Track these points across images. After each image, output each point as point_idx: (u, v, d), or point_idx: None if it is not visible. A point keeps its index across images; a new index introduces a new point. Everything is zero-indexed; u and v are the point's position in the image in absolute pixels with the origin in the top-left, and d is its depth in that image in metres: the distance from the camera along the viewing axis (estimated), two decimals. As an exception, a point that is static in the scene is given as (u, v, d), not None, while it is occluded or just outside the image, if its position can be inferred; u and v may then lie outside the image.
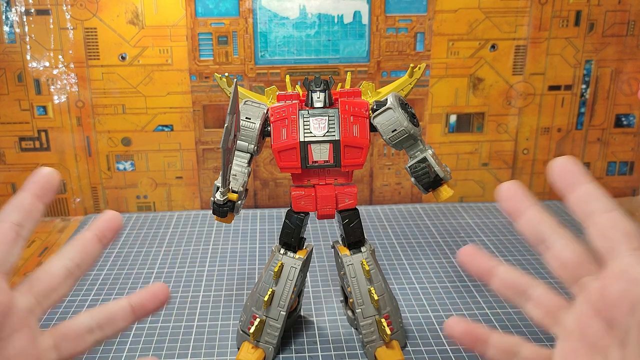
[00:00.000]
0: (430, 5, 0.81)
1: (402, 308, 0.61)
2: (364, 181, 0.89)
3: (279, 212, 0.87)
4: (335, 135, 0.49)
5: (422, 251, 0.74)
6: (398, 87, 0.53)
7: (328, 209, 0.51)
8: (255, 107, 0.49)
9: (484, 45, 0.83)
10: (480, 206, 0.89)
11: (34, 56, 0.80)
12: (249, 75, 0.82)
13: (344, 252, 0.52)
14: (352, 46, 0.82)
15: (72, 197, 0.87)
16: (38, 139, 0.84)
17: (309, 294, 0.64)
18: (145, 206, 0.88)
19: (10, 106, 0.82)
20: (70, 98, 0.82)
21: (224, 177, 0.44)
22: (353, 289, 0.51)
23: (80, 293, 0.64)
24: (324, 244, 0.76)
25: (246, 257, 0.73)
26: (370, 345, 0.52)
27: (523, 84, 0.86)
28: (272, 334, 0.52)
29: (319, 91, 0.50)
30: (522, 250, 0.74)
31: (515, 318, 0.59)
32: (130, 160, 0.86)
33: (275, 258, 0.51)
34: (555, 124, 0.89)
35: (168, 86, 0.82)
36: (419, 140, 0.50)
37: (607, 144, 0.91)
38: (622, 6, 0.83)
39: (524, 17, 0.82)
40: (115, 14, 0.79)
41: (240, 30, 0.80)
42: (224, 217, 0.47)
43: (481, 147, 0.89)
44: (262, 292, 0.51)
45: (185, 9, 0.79)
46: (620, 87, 0.87)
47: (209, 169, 0.87)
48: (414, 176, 0.51)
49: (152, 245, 0.76)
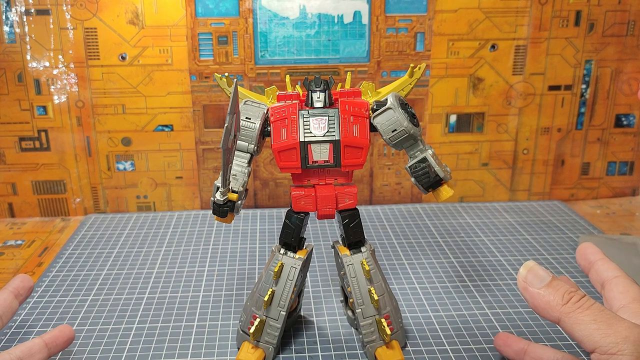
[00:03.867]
0: (430, 5, 0.81)
1: (402, 308, 0.61)
2: (364, 181, 0.89)
3: (279, 212, 0.87)
4: (335, 135, 0.49)
5: (422, 251, 0.74)
6: (398, 87, 0.53)
7: (328, 209, 0.51)
8: (255, 107, 0.49)
9: (484, 45, 0.83)
10: (480, 206, 0.89)
11: (34, 56, 0.80)
12: (249, 75, 0.82)
13: (344, 252, 0.52)
14: (352, 46, 0.82)
15: (72, 197, 0.87)
16: (38, 139, 0.84)
17: (309, 294, 0.64)
18: (145, 206, 0.88)
19: (10, 106, 0.82)
20: (70, 98, 0.82)
21: (224, 177, 0.44)
22: (353, 289, 0.51)
23: (80, 293, 0.64)
24: (324, 244, 0.76)
25: (246, 257, 0.73)
26: (370, 345, 0.52)
27: (523, 84, 0.86)
28: (272, 334, 0.52)
29: (319, 91, 0.50)
30: (522, 251, 0.74)
31: (515, 318, 0.59)
32: (130, 160, 0.86)
33: (275, 258, 0.52)
34: (555, 124, 0.89)
35: (168, 86, 0.82)
36: (419, 140, 0.50)
37: (607, 144, 0.91)
38: (622, 6, 0.83)
39: (524, 17, 0.82)
40: (115, 14, 0.79)
41: (240, 30, 0.80)
42: (224, 217, 0.47)
43: (481, 147, 0.89)
44: (262, 292, 0.51)
45: (185, 9, 0.79)
46: (620, 87, 0.87)
47: (209, 169, 0.87)
48: (414, 176, 0.51)
49: (152, 245, 0.76)
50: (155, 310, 0.61)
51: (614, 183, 0.93)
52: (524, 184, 0.92)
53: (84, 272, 0.69)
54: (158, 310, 0.61)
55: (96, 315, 0.60)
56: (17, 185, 0.86)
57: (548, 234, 0.79)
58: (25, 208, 0.87)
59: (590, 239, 0.73)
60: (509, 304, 0.61)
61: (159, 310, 0.61)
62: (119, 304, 0.62)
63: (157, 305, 0.62)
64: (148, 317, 0.60)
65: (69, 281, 0.67)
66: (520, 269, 0.39)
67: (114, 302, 0.62)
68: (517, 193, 0.92)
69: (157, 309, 0.61)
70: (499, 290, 0.64)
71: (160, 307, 0.62)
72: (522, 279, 0.39)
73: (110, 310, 0.61)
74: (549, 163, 0.91)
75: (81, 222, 0.84)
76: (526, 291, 0.38)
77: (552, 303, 0.37)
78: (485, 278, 0.67)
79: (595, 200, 0.93)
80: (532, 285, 0.38)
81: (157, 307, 0.62)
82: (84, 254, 0.74)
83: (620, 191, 0.94)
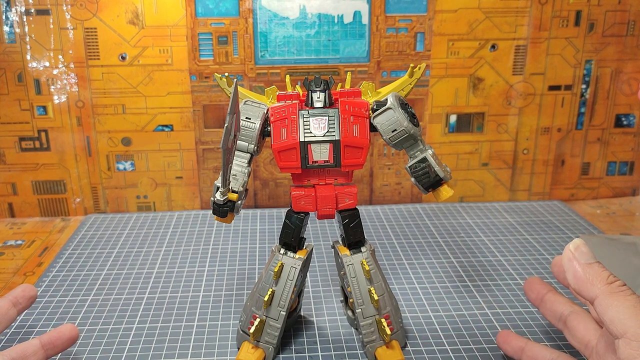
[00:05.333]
0: (430, 5, 0.81)
1: (402, 308, 0.61)
2: (364, 181, 0.89)
3: (279, 212, 0.87)
4: (335, 135, 0.49)
5: (422, 251, 0.74)
6: (398, 87, 0.53)
7: (328, 209, 0.51)
8: (255, 107, 0.49)
9: (484, 45, 0.83)
10: (480, 206, 0.89)
11: (34, 56, 0.80)
12: (249, 75, 0.82)
13: (344, 252, 0.52)
14: (352, 46, 0.82)
15: (72, 197, 0.87)
16: (38, 139, 0.84)
17: (309, 294, 0.64)
18: (145, 206, 0.88)
19: (10, 106, 0.82)
20: (70, 98, 0.82)
21: (224, 177, 0.44)
22: (353, 289, 0.51)
23: (80, 293, 0.64)
24: (324, 244, 0.76)
25: (246, 257, 0.73)
26: (371, 345, 0.52)
27: (523, 84, 0.86)
28: (272, 334, 0.52)
29: (319, 91, 0.50)
30: (522, 251, 0.74)
31: (515, 318, 0.59)
32: (130, 160, 0.86)
33: (275, 258, 0.52)
34: (555, 124, 0.89)
35: (168, 86, 0.82)
36: (419, 140, 0.50)
37: (607, 144, 0.91)
38: (622, 6, 0.83)
39: (524, 17, 0.82)
40: (115, 14, 0.79)
41: (240, 30, 0.80)
42: (224, 217, 0.47)
43: (481, 147, 0.89)
44: (262, 292, 0.51)
45: (185, 9, 0.79)
46: (620, 87, 0.87)
47: (209, 169, 0.87)
48: (414, 176, 0.51)
49: (152, 245, 0.76)
50: (155, 310, 0.61)
51: (614, 183, 0.93)
52: (524, 184, 0.92)
53: (84, 272, 0.69)
54: (158, 310, 0.61)
55: (96, 315, 0.60)
56: (17, 185, 0.86)
57: (548, 234, 0.79)
58: (25, 208, 0.87)
59: (590, 239, 0.73)
60: (509, 304, 0.61)
61: (159, 310, 0.61)
62: (119, 304, 0.62)
63: (157, 305, 0.62)
64: (148, 317, 0.60)
65: (69, 281, 0.67)
66: (570, 243, 0.40)
67: (114, 302, 0.62)
68: (517, 193, 0.92)
69: (157, 309, 0.61)
70: (499, 290, 0.64)
71: (160, 307, 0.62)
72: (571, 250, 0.40)
73: (110, 310, 0.61)
74: (549, 163, 0.91)
75: (81, 222, 0.84)
76: (571, 263, 0.39)
77: (594, 280, 0.38)
78: (485, 278, 0.67)
79: (595, 200, 0.93)
80: (579, 259, 0.39)
81: (157, 307, 0.62)
82: (84, 254, 0.74)
83: (620, 191, 0.94)
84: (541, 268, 0.69)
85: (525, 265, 0.70)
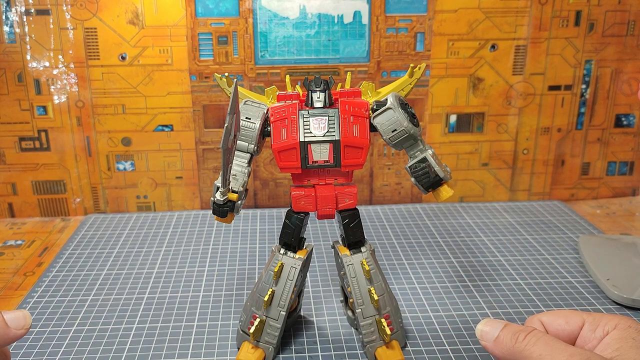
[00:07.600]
0: (430, 5, 0.81)
1: (402, 308, 0.61)
2: (364, 181, 0.89)
3: (279, 212, 0.87)
4: (335, 135, 0.49)
5: (422, 251, 0.74)
6: (398, 87, 0.53)
7: (328, 209, 0.51)
8: (255, 107, 0.49)
9: (484, 45, 0.83)
10: (480, 206, 0.89)
11: (34, 56, 0.80)
12: (249, 75, 0.82)
13: (344, 252, 0.52)
14: (352, 46, 0.82)
15: (72, 197, 0.87)
16: (38, 139, 0.84)
17: (309, 294, 0.64)
18: (145, 206, 0.88)
19: (10, 106, 0.82)
20: (70, 98, 0.82)
21: (224, 177, 0.44)
22: (353, 289, 0.51)
23: (80, 293, 0.64)
24: (324, 244, 0.76)
25: (246, 257, 0.73)
26: (371, 345, 0.52)
27: (523, 84, 0.86)
28: (272, 334, 0.52)
29: (319, 91, 0.50)
30: (522, 251, 0.74)
31: (515, 318, 0.59)
32: (130, 160, 0.86)
33: (275, 258, 0.52)
34: (555, 124, 0.89)
35: (168, 86, 0.82)
36: (419, 140, 0.50)
37: (607, 144, 0.91)
38: (622, 6, 0.83)
39: (524, 17, 0.82)
40: (115, 14, 0.79)
41: (240, 30, 0.80)
42: (224, 217, 0.47)
43: (481, 147, 0.89)
44: (262, 292, 0.51)
45: (185, 9, 0.79)
46: (620, 87, 0.87)
47: (209, 169, 0.87)
48: (414, 176, 0.51)
49: (152, 245, 0.76)
50: (155, 310, 0.61)
51: (614, 183, 0.93)
52: (524, 184, 0.92)
53: (84, 272, 0.69)
54: (158, 310, 0.61)
55: (96, 315, 0.60)
56: (17, 185, 0.86)
57: (548, 234, 0.79)
58: (25, 208, 0.87)
59: (590, 239, 0.73)
60: (509, 304, 0.61)
61: (159, 310, 0.61)
62: (119, 304, 0.62)
63: (157, 305, 0.62)
64: (148, 317, 0.60)
65: (69, 281, 0.67)
66: (477, 326, 0.41)
67: (114, 302, 0.62)
68: (517, 193, 0.92)
69: (157, 309, 0.61)
70: (499, 290, 0.64)
71: (160, 307, 0.62)
72: (479, 334, 0.40)
73: (110, 310, 0.61)
74: (549, 163, 0.91)
75: (81, 222, 0.84)
76: (486, 347, 0.40)
77: (505, 348, 0.38)
78: (485, 278, 0.67)
79: (595, 200, 0.93)
80: (486, 337, 0.40)
81: (157, 307, 0.62)
82: (84, 254, 0.74)
83: (620, 191, 0.94)
84: (541, 268, 0.69)
85: (525, 265, 0.70)
